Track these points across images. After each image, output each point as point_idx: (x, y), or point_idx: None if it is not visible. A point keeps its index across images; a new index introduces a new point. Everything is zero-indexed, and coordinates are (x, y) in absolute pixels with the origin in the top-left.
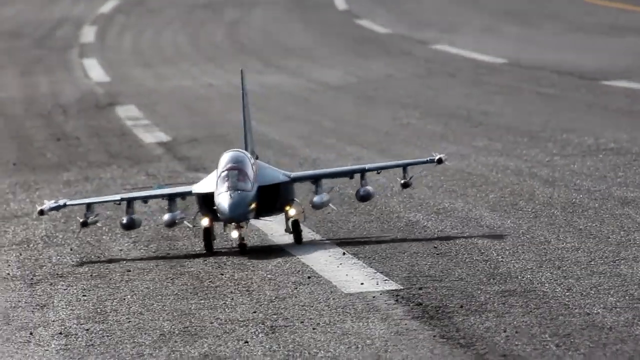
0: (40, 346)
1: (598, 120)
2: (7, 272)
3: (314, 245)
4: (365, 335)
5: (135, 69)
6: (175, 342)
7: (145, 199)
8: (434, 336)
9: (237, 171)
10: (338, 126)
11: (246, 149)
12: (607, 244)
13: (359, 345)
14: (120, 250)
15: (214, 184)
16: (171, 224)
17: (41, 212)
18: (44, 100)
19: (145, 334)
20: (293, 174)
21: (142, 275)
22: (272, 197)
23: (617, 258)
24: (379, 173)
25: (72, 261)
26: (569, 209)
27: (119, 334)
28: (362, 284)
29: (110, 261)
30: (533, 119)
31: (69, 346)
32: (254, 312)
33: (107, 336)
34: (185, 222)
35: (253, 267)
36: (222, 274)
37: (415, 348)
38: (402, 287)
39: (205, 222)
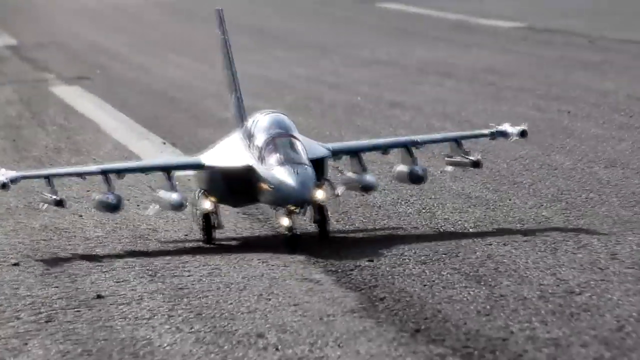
0: None
1: (374, 37)
2: None
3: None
4: None
5: None
6: (20, 214)
7: (127, 172)
8: None
9: (287, 139)
10: (163, 35)
11: (243, 113)
12: (379, 137)
13: None
14: None
15: (246, 155)
16: (180, 206)
17: (4, 186)
18: None
19: None
20: (331, 146)
21: None
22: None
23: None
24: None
25: None
26: (350, 109)
27: None
28: None
29: None
30: (324, 34)
31: None
32: (88, 190)
33: None
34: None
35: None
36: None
37: None
38: None
39: (207, 205)
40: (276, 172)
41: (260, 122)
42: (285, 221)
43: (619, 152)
